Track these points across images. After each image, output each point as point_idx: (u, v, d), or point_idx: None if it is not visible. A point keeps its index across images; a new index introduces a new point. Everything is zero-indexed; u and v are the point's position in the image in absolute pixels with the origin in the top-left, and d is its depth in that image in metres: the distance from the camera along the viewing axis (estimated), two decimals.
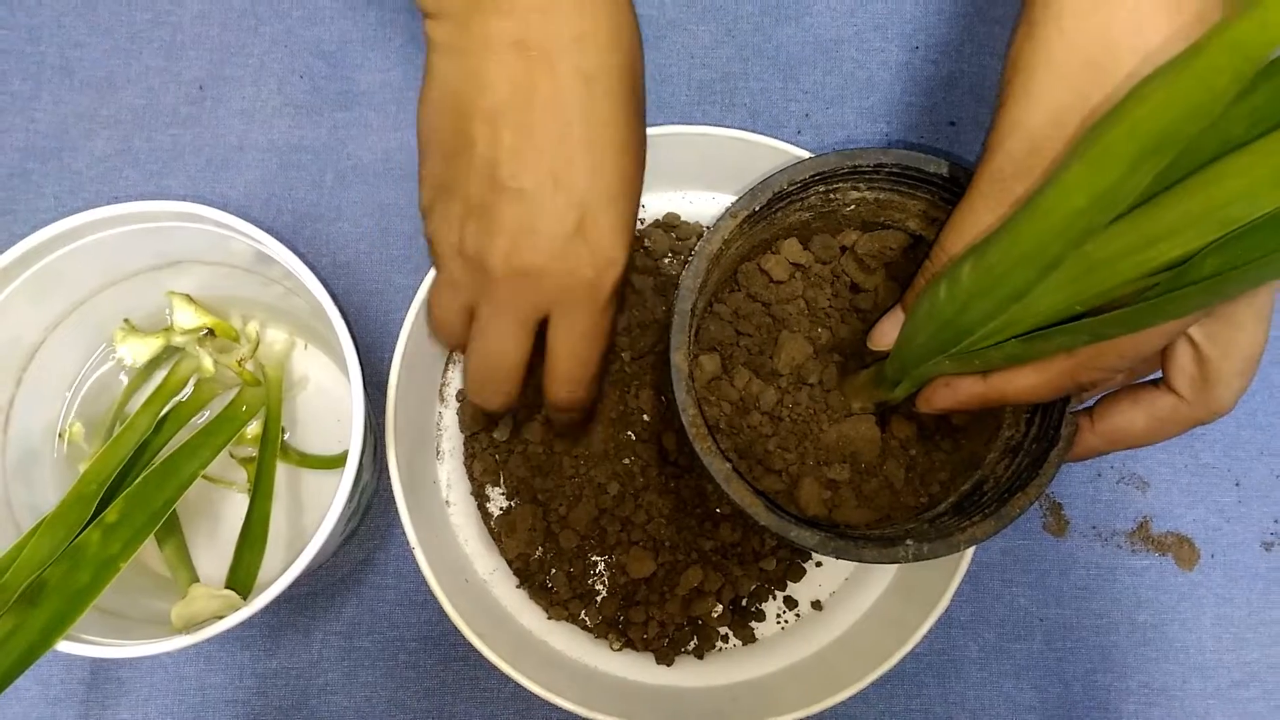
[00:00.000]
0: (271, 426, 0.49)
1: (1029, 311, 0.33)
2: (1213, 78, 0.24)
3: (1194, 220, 0.28)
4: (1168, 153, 0.26)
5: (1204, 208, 0.27)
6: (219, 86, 0.56)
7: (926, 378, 0.38)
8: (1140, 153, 0.26)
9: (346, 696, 0.51)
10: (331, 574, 0.52)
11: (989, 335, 0.34)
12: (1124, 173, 0.27)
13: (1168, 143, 0.26)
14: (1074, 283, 0.31)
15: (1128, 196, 0.28)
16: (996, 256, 0.32)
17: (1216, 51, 0.23)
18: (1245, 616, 0.53)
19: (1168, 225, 0.28)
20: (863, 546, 0.38)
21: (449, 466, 0.52)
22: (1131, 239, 0.29)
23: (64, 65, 0.57)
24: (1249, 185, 0.26)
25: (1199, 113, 0.25)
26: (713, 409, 0.42)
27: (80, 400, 0.50)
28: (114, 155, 0.56)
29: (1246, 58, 0.23)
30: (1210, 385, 0.35)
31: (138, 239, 0.46)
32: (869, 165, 0.40)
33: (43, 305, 0.47)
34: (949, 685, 0.52)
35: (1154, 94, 0.25)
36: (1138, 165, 0.27)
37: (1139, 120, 0.26)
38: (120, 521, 0.41)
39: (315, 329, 0.51)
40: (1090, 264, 0.30)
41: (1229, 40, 0.23)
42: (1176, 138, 0.26)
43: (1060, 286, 0.31)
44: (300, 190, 0.56)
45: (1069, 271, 0.31)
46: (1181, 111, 0.25)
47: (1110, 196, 0.28)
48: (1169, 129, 0.25)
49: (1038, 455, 0.39)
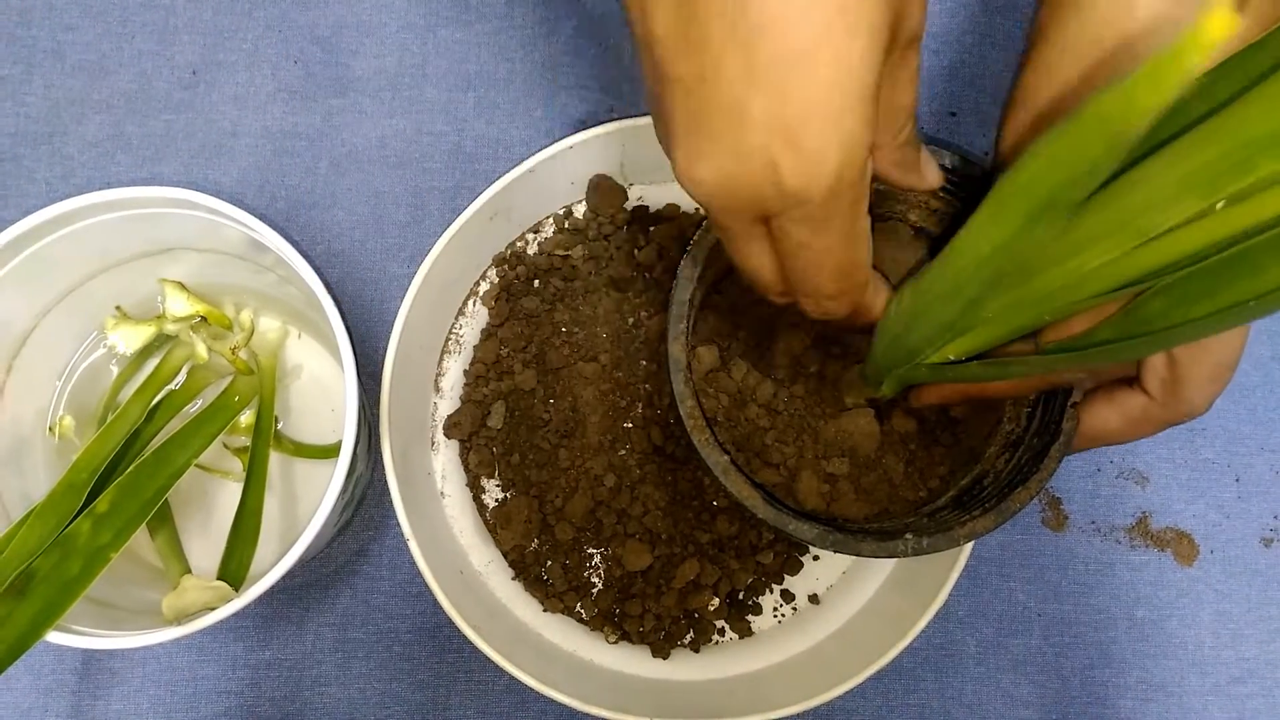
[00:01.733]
0: (265, 416, 0.48)
1: (991, 328, 0.33)
2: (1087, 147, 0.23)
3: (1112, 229, 0.28)
4: (1061, 210, 0.26)
5: (1120, 216, 0.27)
6: (212, 71, 0.56)
7: (910, 380, 0.39)
8: (1032, 210, 0.26)
9: (340, 688, 0.51)
10: (325, 565, 0.52)
11: (946, 352, 0.35)
12: (1020, 226, 0.26)
13: (1057, 203, 0.25)
14: (1021, 289, 0.31)
15: (1029, 249, 0.27)
16: (926, 287, 0.32)
17: (1088, 123, 0.23)
18: (1244, 613, 0.53)
19: (1090, 233, 0.28)
20: (861, 540, 0.37)
21: (444, 457, 0.52)
22: (1059, 247, 0.29)
23: (55, 49, 0.56)
24: (1159, 195, 0.26)
25: (1081, 178, 0.24)
26: (710, 401, 0.42)
27: (71, 388, 0.50)
28: (106, 140, 0.55)
29: (1116, 132, 0.22)
30: (1180, 388, 0.34)
31: (130, 225, 0.45)
32: None
33: (33, 292, 0.47)
34: (946, 680, 0.52)
35: (1038, 156, 0.25)
36: (1033, 220, 0.26)
37: (1028, 180, 0.25)
38: (111, 511, 0.41)
39: (309, 317, 0.51)
40: (1029, 271, 0.30)
41: (1097, 113, 0.22)
42: (1065, 199, 0.25)
43: (1013, 299, 0.31)
44: (294, 177, 0.55)
45: (1013, 279, 0.31)
46: (1065, 176, 0.24)
47: (1010, 246, 0.27)
48: (1055, 192, 0.25)
49: (1038, 450, 0.39)
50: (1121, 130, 0.22)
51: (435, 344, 0.52)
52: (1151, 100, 0.21)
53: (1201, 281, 0.27)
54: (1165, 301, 0.28)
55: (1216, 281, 0.26)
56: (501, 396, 0.51)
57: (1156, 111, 0.21)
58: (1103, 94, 0.22)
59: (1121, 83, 0.21)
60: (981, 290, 0.30)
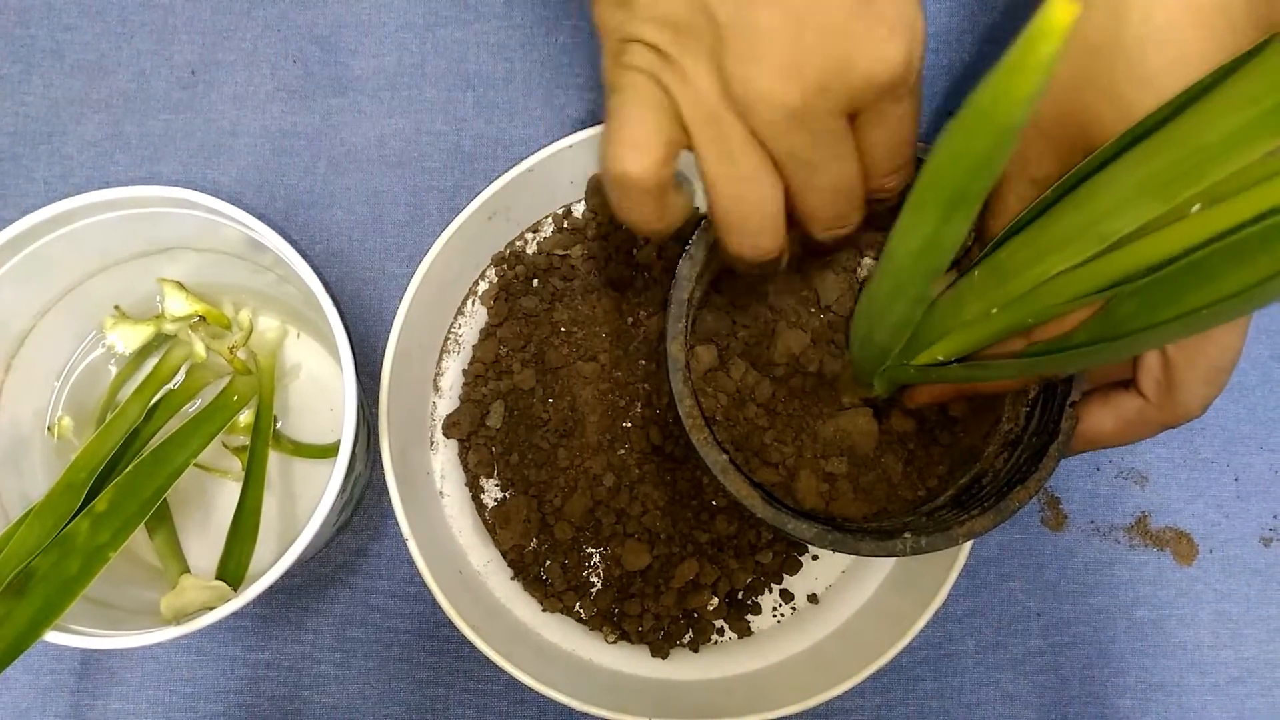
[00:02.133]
0: (263, 415, 0.48)
1: (974, 330, 0.33)
2: (975, 141, 0.24)
3: (1076, 234, 0.28)
4: (971, 202, 0.26)
5: (1081, 221, 0.28)
6: (211, 71, 0.56)
7: (899, 379, 0.39)
8: (946, 204, 0.26)
9: (339, 688, 0.51)
10: (324, 565, 0.52)
11: (934, 352, 0.35)
12: (939, 221, 0.27)
13: (966, 196, 0.26)
14: (995, 292, 0.31)
15: (953, 240, 0.28)
16: (874, 287, 0.33)
17: (971, 118, 0.23)
18: (1243, 612, 0.53)
19: (1056, 238, 0.29)
20: (860, 539, 0.37)
21: (443, 457, 0.52)
22: (1029, 252, 0.30)
23: (54, 48, 0.56)
24: (1118, 200, 0.27)
25: (980, 171, 0.25)
26: (709, 400, 0.42)
27: (70, 388, 0.50)
28: (105, 140, 0.55)
29: (996, 124, 0.23)
30: (1175, 390, 0.34)
31: (128, 225, 0.45)
32: None
33: (32, 291, 0.46)
34: (945, 680, 0.52)
35: (939, 153, 0.25)
36: (948, 215, 0.27)
37: (934, 177, 0.26)
38: (110, 510, 0.41)
39: (308, 317, 0.51)
40: (1002, 275, 0.31)
41: (977, 109, 0.23)
42: (972, 192, 0.26)
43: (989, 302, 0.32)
44: (293, 177, 0.55)
45: (986, 282, 0.32)
46: (964, 170, 0.25)
47: (936, 241, 0.28)
48: (960, 185, 0.25)
49: (1037, 449, 0.39)
50: (1002, 122, 0.22)
51: (434, 343, 0.52)
52: (1019, 90, 0.21)
53: (1166, 287, 0.27)
54: (1135, 305, 0.28)
55: (1179, 287, 0.27)
56: (500, 396, 0.51)
57: (1028, 100, 0.21)
58: (978, 90, 0.22)
59: (991, 76, 0.22)
60: (923, 286, 0.30)
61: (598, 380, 0.50)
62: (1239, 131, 0.24)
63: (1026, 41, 0.20)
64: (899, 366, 0.37)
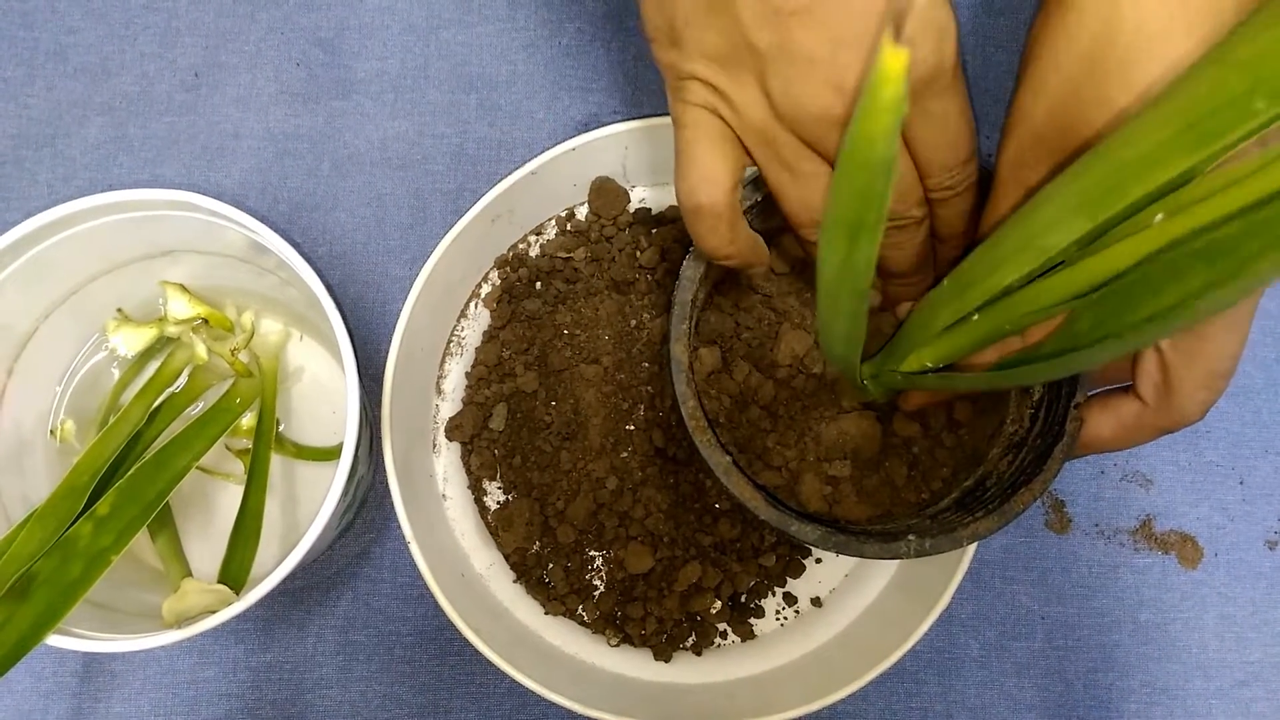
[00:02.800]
0: (266, 418, 0.48)
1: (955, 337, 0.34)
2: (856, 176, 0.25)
3: (1020, 247, 0.29)
4: (870, 228, 0.27)
5: (1025, 235, 0.29)
6: (214, 74, 0.56)
7: (889, 385, 0.39)
8: (848, 232, 0.27)
9: (341, 691, 0.51)
10: (327, 568, 0.52)
11: (923, 358, 0.36)
12: (847, 247, 0.28)
13: (864, 224, 0.27)
14: (957, 300, 0.33)
15: (865, 262, 0.29)
16: (819, 307, 0.34)
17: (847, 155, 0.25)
18: (1248, 616, 0.53)
19: (1004, 252, 0.30)
20: (864, 542, 0.37)
21: (446, 460, 0.52)
22: (984, 264, 0.31)
23: (58, 51, 0.56)
24: (1054, 216, 0.28)
25: (870, 200, 0.26)
26: (712, 403, 0.42)
27: (72, 391, 0.50)
28: (108, 143, 0.55)
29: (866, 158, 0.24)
30: (1173, 395, 0.34)
31: (131, 227, 0.45)
32: None
33: (35, 294, 0.46)
34: (949, 683, 0.52)
35: (836, 186, 0.27)
36: (854, 240, 0.28)
37: (834, 207, 0.27)
38: (112, 514, 0.41)
39: (310, 320, 0.51)
40: (964, 284, 0.32)
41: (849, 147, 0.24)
42: (867, 220, 0.27)
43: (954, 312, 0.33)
44: (296, 179, 0.55)
45: (951, 291, 0.33)
46: (854, 200, 0.26)
47: (850, 264, 0.29)
48: (855, 215, 0.27)
49: (1041, 451, 0.39)
50: (871, 158, 0.24)
51: (437, 346, 0.52)
52: (876, 130, 0.23)
53: (1119, 298, 0.28)
54: (1093, 317, 0.29)
55: (1130, 300, 0.27)
56: (503, 399, 0.51)
57: (888, 138, 0.23)
58: (847, 135, 0.24)
59: (852, 124, 0.23)
60: (852, 303, 0.31)
61: (600, 383, 0.50)
62: (1154, 151, 0.25)
63: (870, 89, 0.22)
64: (887, 373, 0.37)
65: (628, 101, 0.56)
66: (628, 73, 0.56)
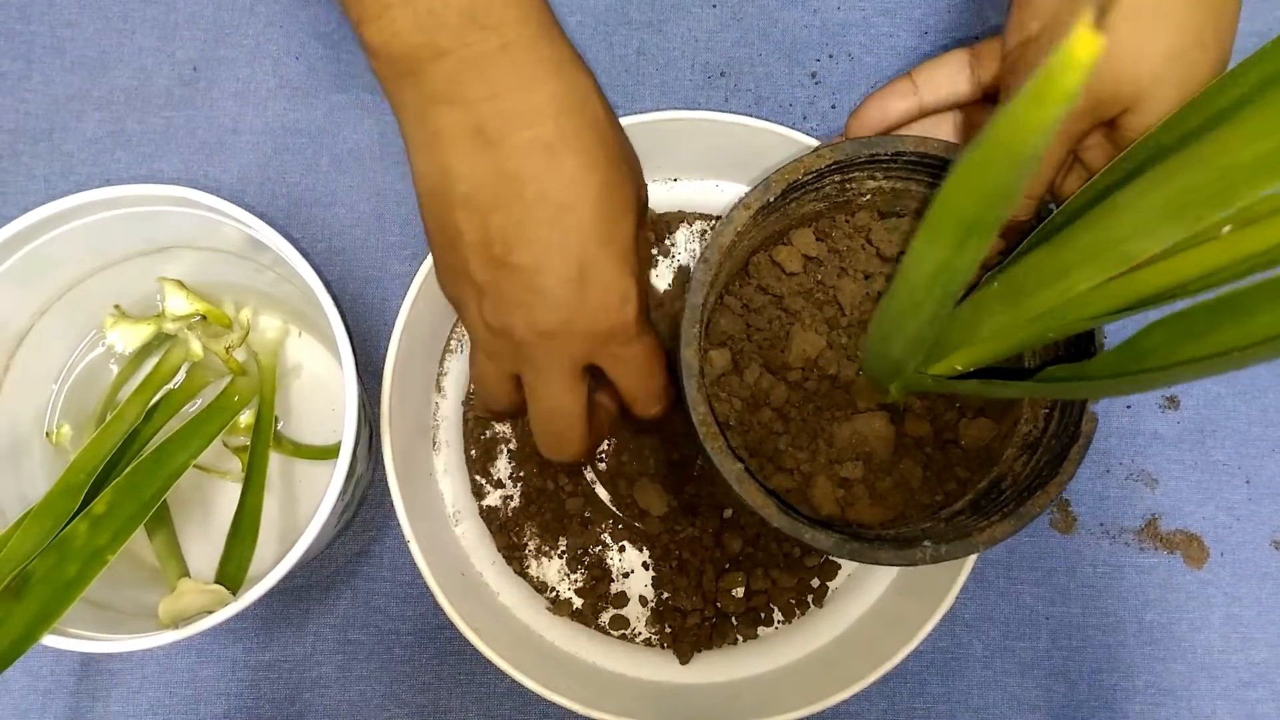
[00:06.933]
0: (264, 416, 0.48)
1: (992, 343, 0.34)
2: (993, 171, 0.24)
3: (1098, 252, 0.28)
4: (986, 230, 0.26)
5: (1104, 241, 0.28)
6: (213, 68, 0.55)
7: (915, 387, 0.38)
8: (961, 232, 0.27)
9: (340, 690, 0.50)
10: (326, 566, 0.52)
11: (952, 362, 0.35)
12: (953, 248, 0.27)
13: (981, 224, 0.26)
14: (1014, 310, 0.32)
15: (968, 266, 0.28)
16: (888, 305, 0.34)
17: (989, 147, 0.23)
18: (1254, 616, 0.52)
19: (1076, 256, 0.29)
20: (879, 548, 0.37)
21: (446, 457, 0.51)
22: (1048, 269, 0.30)
23: (55, 45, 0.55)
24: (1142, 220, 0.26)
25: (995, 199, 0.25)
26: (723, 405, 0.41)
27: (69, 388, 0.50)
28: (105, 137, 0.55)
29: (1015, 153, 0.23)
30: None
31: (128, 223, 0.45)
32: (887, 154, 0.39)
33: (31, 290, 0.46)
34: (953, 683, 0.51)
35: (955, 181, 0.25)
36: (963, 241, 0.27)
37: (951, 204, 0.26)
38: (109, 512, 0.40)
39: (309, 316, 0.50)
40: (1019, 288, 0.31)
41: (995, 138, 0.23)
42: (986, 220, 0.26)
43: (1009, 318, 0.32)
44: (295, 174, 0.55)
45: (1004, 298, 0.32)
46: (980, 198, 0.25)
47: (951, 266, 0.28)
48: (976, 213, 0.26)
49: (1057, 452, 0.38)
50: (1020, 152, 0.22)
51: (437, 342, 0.52)
52: (1039, 121, 0.21)
53: (1197, 320, 0.27)
54: (1163, 336, 0.28)
55: (1211, 323, 0.26)
56: None
57: (1048, 130, 0.21)
58: (996, 118, 0.22)
59: (1010, 105, 0.21)
60: (937, 306, 0.30)
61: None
62: (1269, 155, 0.23)
63: (1049, 73, 0.19)
64: (915, 375, 0.37)
65: (628, 95, 0.55)
66: (629, 67, 0.56)
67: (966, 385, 0.35)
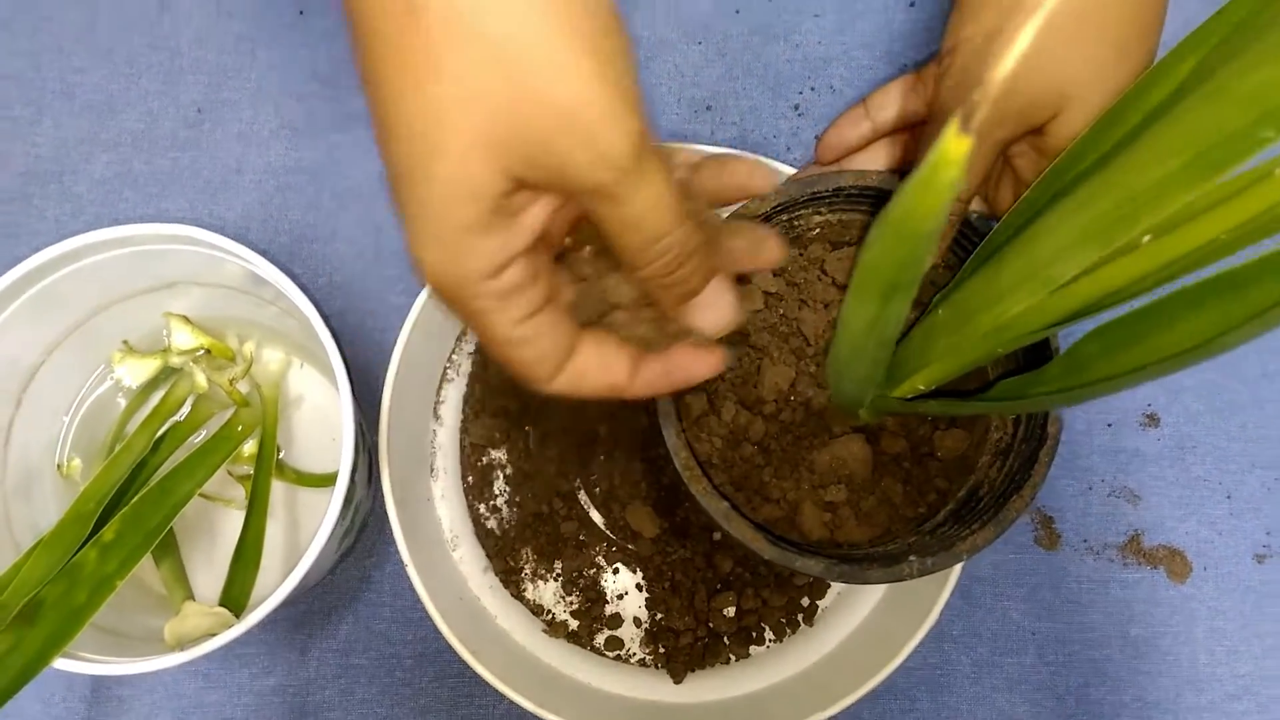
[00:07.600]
0: (267, 445, 0.49)
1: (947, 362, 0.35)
2: (899, 245, 0.27)
3: (1025, 278, 0.30)
4: (906, 289, 0.29)
5: (1030, 265, 0.30)
6: (217, 110, 0.57)
7: (883, 409, 0.40)
8: (882, 292, 0.29)
9: (343, 713, 0.52)
10: (328, 591, 0.53)
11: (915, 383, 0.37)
12: (879, 305, 0.30)
13: (899, 284, 0.29)
14: (960, 333, 0.34)
15: (896, 318, 0.31)
16: (836, 346, 0.36)
17: (892, 225, 0.26)
18: (1238, 629, 0.53)
19: (1010, 280, 0.31)
20: (867, 568, 0.38)
21: (444, 483, 0.53)
22: (987, 293, 0.32)
23: (64, 90, 0.57)
24: (1062, 245, 0.29)
25: (907, 265, 0.28)
26: (704, 445, 0.42)
27: (79, 420, 0.51)
28: (114, 178, 0.57)
29: (914, 230, 0.26)
30: None
31: (135, 261, 0.46)
32: (828, 190, 0.41)
33: (42, 326, 0.48)
34: (941, 699, 0.52)
35: (871, 251, 0.28)
36: (887, 299, 0.30)
37: (870, 269, 0.29)
38: (117, 540, 0.42)
39: (311, 349, 0.52)
40: (962, 312, 0.33)
41: (896, 218, 0.26)
42: (904, 280, 0.29)
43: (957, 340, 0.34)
44: (297, 211, 0.56)
45: (950, 322, 0.34)
46: (892, 265, 0.28)
47: (881, 318, 0.31)
48: (892, 277, 0.29)
49: (1027, 456, 0.39)
50: (916, 230, 0.25)
51: (434, 372, 0.53)
52: (927, 207, 0.24)
53: (1126, 329, 0.28)
54: (1098, 346, 0.30)
55: (1140, 331, 0.28)
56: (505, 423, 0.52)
57: (939, 213, 0.24)
58: (894, 203, 0.25)
59: (903, 192, 0.25)
60: (877, 351, 0.33)
61: (596, 404, 0.51)
62: (1163, 180, 0.26)
63: (930, 168, 0.23)
64: (881, 398, 0.38)
65: None
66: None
67: (928, 406, 0.37)
